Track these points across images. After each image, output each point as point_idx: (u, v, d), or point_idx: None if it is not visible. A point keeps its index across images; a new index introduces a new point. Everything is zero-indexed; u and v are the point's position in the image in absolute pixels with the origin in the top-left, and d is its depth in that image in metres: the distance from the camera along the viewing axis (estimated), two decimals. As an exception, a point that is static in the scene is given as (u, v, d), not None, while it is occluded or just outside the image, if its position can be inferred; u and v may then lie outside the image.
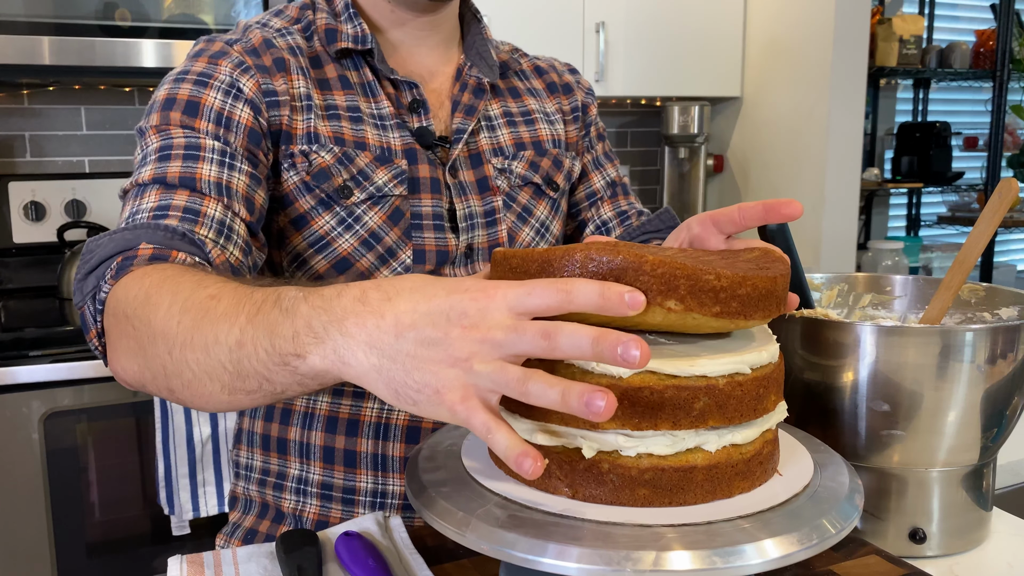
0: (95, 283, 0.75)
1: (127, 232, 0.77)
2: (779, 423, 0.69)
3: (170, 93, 0.89)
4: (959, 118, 3.76)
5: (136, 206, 0.81)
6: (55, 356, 1.71)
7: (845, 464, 0.71)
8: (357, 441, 0.98)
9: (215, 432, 1.78)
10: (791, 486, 0.66)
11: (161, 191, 0.81)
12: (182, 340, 0.64)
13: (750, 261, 0.67)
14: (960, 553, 0.87)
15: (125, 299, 0.70)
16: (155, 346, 0.67)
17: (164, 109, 0.88)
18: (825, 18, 2.50)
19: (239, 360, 0.61)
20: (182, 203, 0.81)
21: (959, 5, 3.77)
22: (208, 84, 0.89)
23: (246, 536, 1.05)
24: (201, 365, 0.63)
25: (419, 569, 0.78)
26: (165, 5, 1.93)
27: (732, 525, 0.60)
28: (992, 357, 0.81)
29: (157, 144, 0.85)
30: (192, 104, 0.87)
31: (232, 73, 0.90)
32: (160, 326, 0.66)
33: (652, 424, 0.60)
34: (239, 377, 0.62)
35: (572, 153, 1.13)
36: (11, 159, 2.22)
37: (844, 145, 2.57)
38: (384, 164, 0.95)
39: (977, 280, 1.04)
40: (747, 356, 0.62)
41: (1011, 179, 0.85)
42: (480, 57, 1.06)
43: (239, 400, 0.64)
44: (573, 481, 0.63)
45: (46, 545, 1.74)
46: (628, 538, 0.58)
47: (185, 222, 0.80)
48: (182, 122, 0.86)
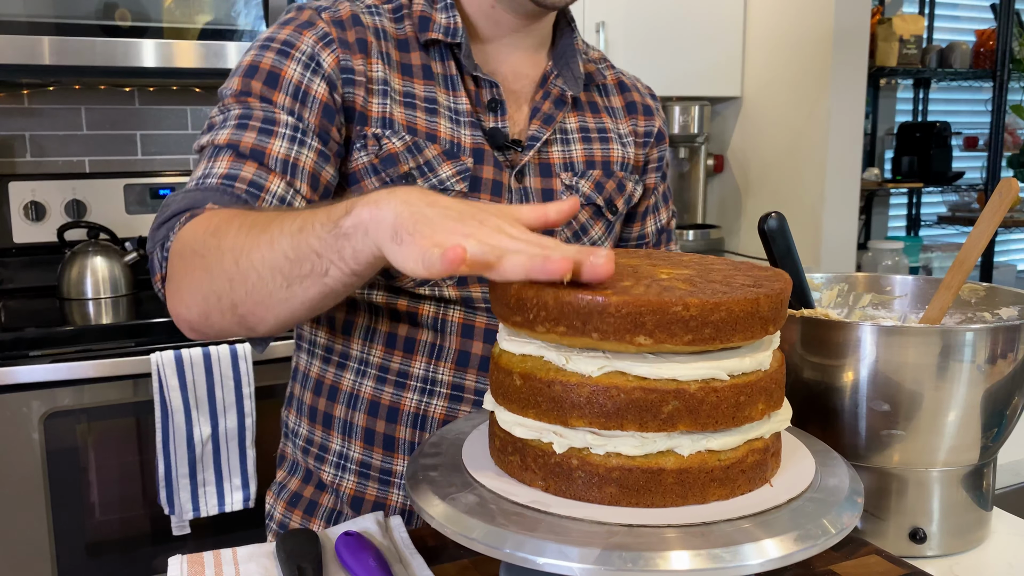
0: (165, 233, 0.83)
1: (197, 192, 0.84)
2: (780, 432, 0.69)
3: (254, 60, 0.92)
4: (959, 118, 3.76)
5: (208, 168, 0.86)
6: (55, 356, 1.71)
7: (845, 464, 0.71)
8: (396, 427, 1.00)
9: (215, 432, 1.78)
10: (791, 488, 0.66)
11: (233, 158, 0.86)
12: (250, 246, 0.72)
13: (748, 279, 0.67)
14: (960, 553, 0.87)
15: (193, 236, 0.78)
16: (222, 262, 0.74)
17: (247, 76, 0.91)
18: (825, 18, 2.50)
19: (298, 243, 0.69)
20: (249, 175, 0.85)
21: (959, 5, 3.77)
22: (290, 55, 0.91)
23: (291, 499, 1.08)
24: (266, 261, 0.71)
25: (419, 569, 0.78)
26: (165, 5, 1.93)
27: (732, 525, 0.60)
28: (992, 357, 0.81)
29: (237, 112, 0.89)
30: (273, 75, 0.90)
31: (315, 46, 0.91)
32: (229, 243, 0.74)
33: (618, 424, 0.61)
34: (296, 262, 0.69)
35: (635, 176, 1.12)
36: (11, 159, 2.22)
37: (844, 145, 2.57)
38: (450, 159, 0.96)
39: (977, 280, 1.04)
40: (726, 363, 0.62)
41: (1011, 179, 0.85)
42: (567, 67, 1.05)
43: (295, 296, 0.71)
44: (546, 475, 0.64)
45: (46, 545, 1.74)
46: (629, 538, 0.58)
47: (249, 196, 0.85)
48: (261, 93, 0.90)
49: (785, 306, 0.66)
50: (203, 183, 0.85)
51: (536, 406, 0.64)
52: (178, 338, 1.80)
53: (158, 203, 2.28)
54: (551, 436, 0.63)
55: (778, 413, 0.68)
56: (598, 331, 0.59)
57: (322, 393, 1.04)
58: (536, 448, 0.64)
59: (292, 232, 0.70)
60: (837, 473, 0.69)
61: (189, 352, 1.74)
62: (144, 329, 1.80)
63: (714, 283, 0.64)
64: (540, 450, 0.64)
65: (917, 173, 3.33)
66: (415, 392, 1.00)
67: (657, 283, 0.63)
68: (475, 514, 0.61)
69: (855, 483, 0.67)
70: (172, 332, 1.81)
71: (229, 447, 1.79)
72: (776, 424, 0.67)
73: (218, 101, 0.93)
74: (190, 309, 0.79)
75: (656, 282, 0.64)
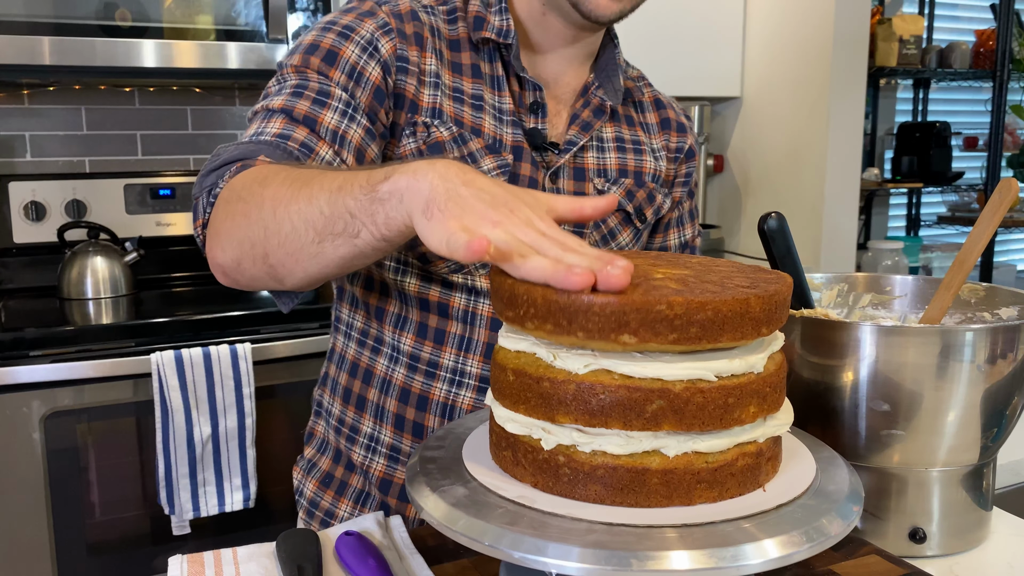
0: (214, 180, 0.85)
1: (251, 144, 0.86)
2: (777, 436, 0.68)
3: (315, 40, 0.94)
4: (959, 118, 3.76)
5: (261, 127, 0.89)
6: (55, 356, 1.71)
7: (845, 464, 0.71)
8: (426, 416, 1.03)
9: (215, 432, 1.78)
10: (784, 492, 0.66)
11: (286, 121, 0.89)
12: (289, 197, 0.74)
13: (746, 280, 0.67)
14: (960, 553, 0.87)
15: (241, 184, 0.80)
16: (262, 210, 0.76)
17: (307, 53, 0.93)
18: (825, 18, 2.50)
19: (335, 201, 0.71)
20: (301, 137, 0.88)
21: (959, 5, 3.77)
22: (349, 38, 0.94)
23: (324, 479, 1.12)
24: (302, 214, 0.73)
25: (419, 569, 0.78)
26: (165, 5, 1.93)
27: (732, 525, 0.60)
28: (992, 357, 0.81)
29: (294, 81, 0.92)
30: (332, 54, 0.92)
31: (374, 32, 0.94)
32: (271, 192, 0.76)
33: (603, 422, 0.61)
34: (331, 219, 0.71)
35: (665, 189, 1.15)
36: (11, 159, 2.22)
37: (844, 145, 2.57)
38: (492, 153, 0.99)
39: (977, 280, 1.04)
40: (714, 363, 0.61)
41: (1011, 179, 0.85)
42: (608, 79, 1.09)
43: (325, 252, 0.73)
44: (535, 471, 0.64)
45: (46, 545, 1.74)
46: (629, 537, 0.58)
47: (301, 154, 0.87)
48: (319, 68, 0.92)
49: (783, 308, 0.65)
50: (257, 138, 0.87)
51: (526, 402, 0.64)
52: (178, 338, 1.80)
53: (158, 203, 2.28)
54: (540, 432, 0.64)
55: (775, 417, 0.67)
56: (583, 330, 0.59)
57: (357, 375, 1.07)
58: (526, 444, 0.65)
59: (332, 189, 0.71)
60: (837, 473, 0.69)
61: (189, 352, 1.74)
62: (144, 329, 1.80)
63: (708, 283, 0.64)
64: (530, 446, 0.65)
65: (917, 173, 3.33)
66: (444, 382, 1.02)
67: (648, 282, 0.63)
68: (461, 507, 0.62)
69: (855, 483, 0.67)
70: (172, 332, 1.81)
71: (229, 447, 1.79)
72: (772, 428, 0.66)
73: (276, 72, 0.96)
74: (225, 252, 0.81)
75: (648, 281, 0.64)
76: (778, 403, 0.68)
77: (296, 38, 2.04)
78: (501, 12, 1.01)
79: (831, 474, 0.69)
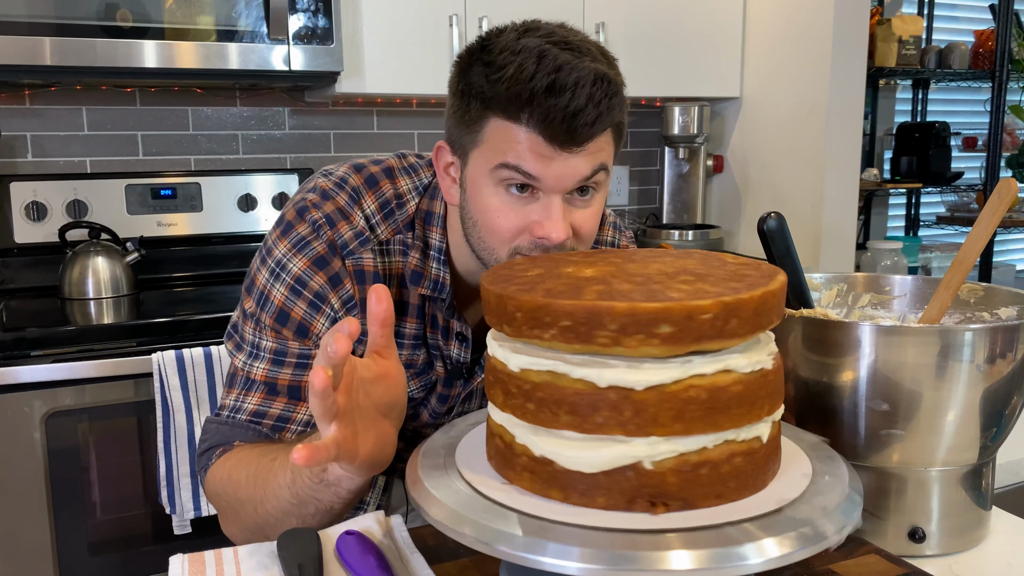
0: (204, 463, 0.98)
1: (228, 428, 0.97)
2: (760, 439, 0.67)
3: (284, 305, 0.97)
4: (958, 118, 3.75)
5: (240, 399, 0.98)
6: (56, 356, 1.71)
7: (845, 463, 0.71)
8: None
9: (216, 432, 1.78)
10: (790, 490, 0.66)
11: (263, 396, 0.97)
12: (259, 497, 0.87)
13: (732, 273, 0.68)
14: (959, 552, 0.87)
15: (217, 482, 0.94)
16: (244, 510, 0.90)
17: (278, 321, 0.97)
18: (824, 18, 2.50)
19: (296, 493, 0.83)
20: (277, 412, 0.96)
21: (958, 6, 3.77)
22: (320, 309, 0.97)
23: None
24: (277, 508, 0.85)
25: (420, 568, 0.78)
26: (166, 6, 1.93)
27: (732, 525, 0.60)
28: (991, 357, 0.81)
29: (272, 345, 0.98)
30: (303, 328, 0.97)
31: (338, 310, 0.98)
32: (244, 494, 0.89)
33: (597, 427, 0.62)
34: (301, 505, 0.83)
35: None
36: (12, 159, 2.23)
37: (843, 145, 2.57)
38: (418, 376, 1.05)
39: (976, 280, 1.04)
40: (700, 367, 0.62)
41: (1010, 179, 0.86)
42: None
43: (311, 523, 0.85)
44: (531, 474, 0.65)
45: (48, 544, 1.74)
46: (629, 537, 0.58)
47: (275, 430, 0.96)
48: (294, 337, 0.97)
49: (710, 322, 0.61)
50: (233, 418, 0.97)
51: (521, 407, 0.66)
52: (179, 338, 1.80)
53: (159, 203, 2.29)
54: (530, 438, 0.65)
55: (771, 417, 0.67)
56: (609, 337, 0.61)
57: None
58: (521, 448, 0.66)
59: (287, 485, 0.83)
60: (837, 473, 0.69)
61: (190, 352, 1.74)
62: (145, 329, 1.80)
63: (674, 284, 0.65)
64: (503, 443, 0.66)
65: (916, 173, 3.32)
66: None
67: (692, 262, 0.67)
68: (462, 507, 0.63)
69: (855, 483, 0.67)
70: (173, 331, 1.81)
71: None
72: (762, 429, 0.66)
73: (245, 302, 1.01)
74: (235, 537, 0.95)
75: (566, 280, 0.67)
76: (776, 404, 0.68)
77: (296, 38, 2.04)
78: (439, 263, 1.01)
79: (831, 474, 0.69)
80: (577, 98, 0.83)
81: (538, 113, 0.84)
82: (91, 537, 1.78)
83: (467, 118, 0.89)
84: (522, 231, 0.90)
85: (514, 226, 0.90)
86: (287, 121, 2.50)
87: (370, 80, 2.20)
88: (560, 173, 0.87)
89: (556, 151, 0.86)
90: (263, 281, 0.98)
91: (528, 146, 0.86)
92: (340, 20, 2.09)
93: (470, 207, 0.93)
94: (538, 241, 0.89)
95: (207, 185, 2.33)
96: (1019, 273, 3.86)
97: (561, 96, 0.83)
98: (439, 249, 1.01)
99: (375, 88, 2.21)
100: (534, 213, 0.89)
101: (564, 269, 0.71)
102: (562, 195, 0.89)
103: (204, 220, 2.34)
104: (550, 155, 0.86)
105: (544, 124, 0.84)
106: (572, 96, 0.83)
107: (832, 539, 0.60)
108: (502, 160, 0.87)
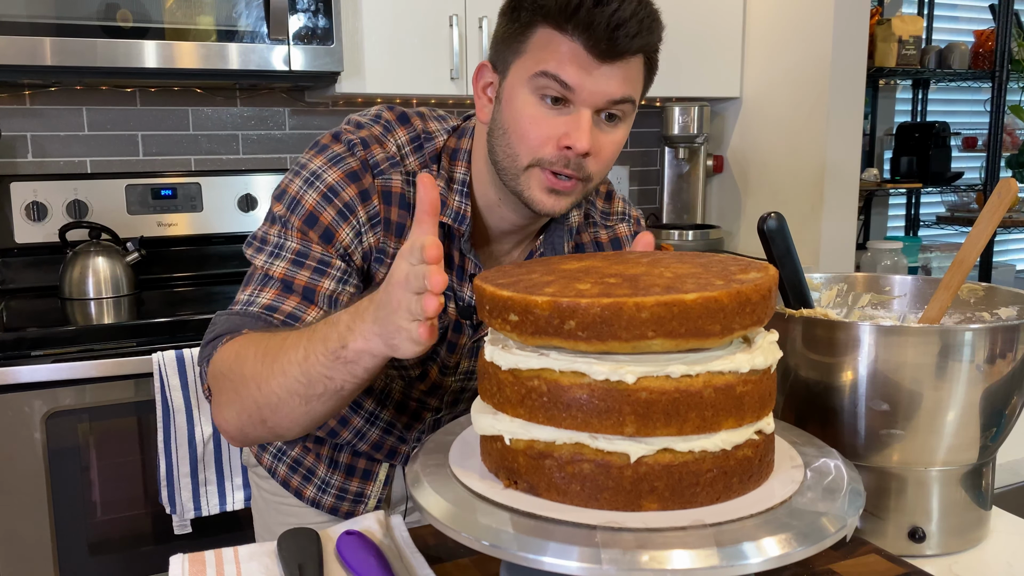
0: (209, 352, 0.96)
1: (238, 317, 0.96)
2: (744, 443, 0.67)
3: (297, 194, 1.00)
4: (958, 118, 3.76)
5: (255, 294, 0.98)
6: (57, 356, 1.71)
7: (845, 463, 0.71)
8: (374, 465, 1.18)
9: (216, 432, 1.78)
10: (789, 490, 0.66)
11: (278, 292, 0.97)
12: (266, 374, 0.85)
13: (708, 269, 0.68)
14: (959, 552, 0.87)
15: (221, 361, 0.91)
16: (247, 387, 0.87)
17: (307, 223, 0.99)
18: (824, 19, 2.50)
19: (307, 370, 0.82)
20: (289, 309, 0.96)
21: (958, 6, 3.77)
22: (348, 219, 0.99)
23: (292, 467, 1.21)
24: (283, 386, 0.84)
25: (420, 568, 0.78)
26: (166, 6, 1.93)
27: (733, 524, 0.60)
28: (991, 357, 0.81)
29: (295, 247, 0.99)
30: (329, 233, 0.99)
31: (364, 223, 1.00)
32: (249, 370, 0.87)
33: (595, 427, 0.63)
34: (309, 384, 0.82)
35: None
36: (13, 159, 2.23)
37: (843, 145, 2.57)
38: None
39: (976, 280, 1.04)
40: (701, 364, 0.63)
41: (1010, 179, 0.86)
42: (553, 248, 1.11)
43: (315, 409, 0.85)
44: (529, 474, 0.66)
45: (48, 544, 1.74)
46: (631, 537, 0.58)
47: (284, 326, 0.95)
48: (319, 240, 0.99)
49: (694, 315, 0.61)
50: (246, 309, 0.97)
51: (520, 405, 0.66)
52: (179, 338, 1.80)
53: (159, 203, 2.29)
54: (537, 434, 0.66)
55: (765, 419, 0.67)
56: (616, 339, 0.62)
57: (308, 439, 1.18)
58: (519, 447, 0.66)
59: (298, 361, 0.82)
60: (837, 472, 0.69)
61: (190, 352, 1.74)
62: (145, 329, 1.80)
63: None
64: (525, 448, 0.66)
65: (916, 173, 3.33)
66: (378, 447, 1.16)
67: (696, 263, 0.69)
68: (463, 507, 0.63)
69: (856, 482, 0.67)
70: (173, 331, 1.81)
71: (230, 446, 1.80)
72: (755, 430, 0.66)
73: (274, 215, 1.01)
74: (228, 423, 0.92)
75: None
76: (768, 405, 0.68)
77: (296, 38, 2.04)
78: (462, 195, 1.04)
79: (832, 473, 0.69)
80: (623, 10, 0.89)
81: (584, 21, 0.89)
82: (91, 537, 1.78)
83: (514, 29, 0.95)
84: (548, 140, 0.94)
85: (543, 134, 0.94)
86: (287, 121, 2.50)
87: (370, 80, 2.20)
88: (594, 88, 0.92)
89: (595, 63, 0.91)
90: (296, 188, 1.01)
91: (569, 57, 0.91)
92: (340, 20, 2.09)
93: (503, 117, 0.97)
94: (562, 153, 0.94)
95: (207, 185, 2.33)
96: (1019, 273, 3.86)
97: (608, 6, 0.89)
98: (462, 182, 1.04)
99: (375, 88, 2.21)
100: (564, 125, 0.94)
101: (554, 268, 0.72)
102: (592, 111, 0.94)
103: (204, 220, 2.34)
104: (588, 67, 0.91)
105: (588, 32, 0.90)
106: (618, 8, 0.89)
107: (832, 539, 0.60)
108: (543, 68, 0.92)
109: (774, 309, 0.67)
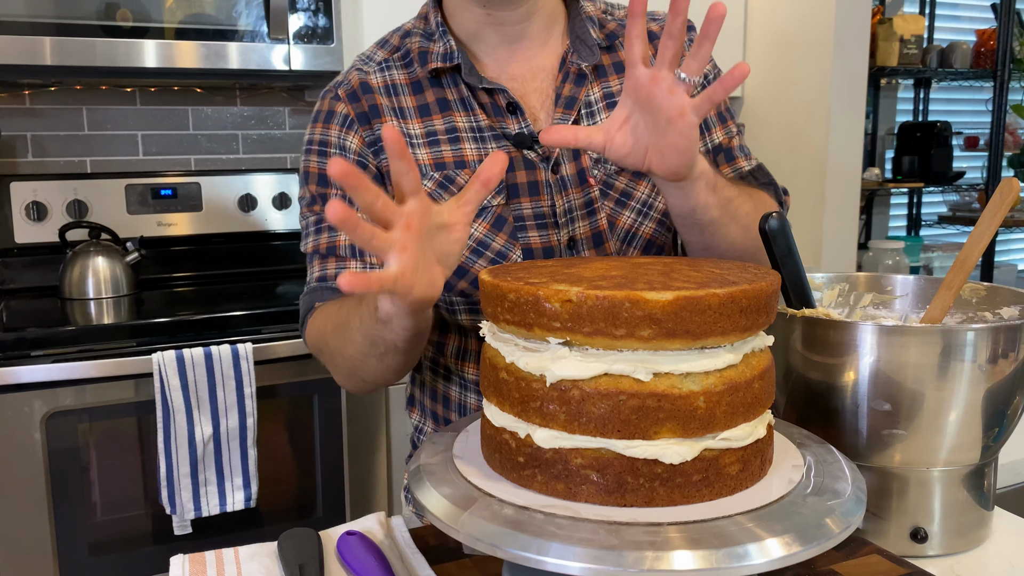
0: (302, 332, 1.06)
1: (309, 296, 1.05)
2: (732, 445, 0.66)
3: (305, 167, 1.07)
4: (960, 118, 3.76)
5: (311, 274, 1.06)
6: (57, 356, 1.71)
7: (847, 463, 0.71)
8: None
9: (216, 432, 1.78)
10: (789, 489, 0.66)
11: (320, 262, 1.04)
12: (342, 344, 0.93)
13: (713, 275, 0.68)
14: (961, 552, 0.87)
15: (311, 338, 1.03)
16: (334, 358, 0.97)
17: (306, 183, 1.06)
18: (826, 18, 2.49)
19: (365, 334, 0.87)
20: (333, 272, 1.03)
21: (960, 5, 3.77)
22: (326, 153, 1.04)
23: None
24: (357, 351, 0.90)
25: (420, 568, 0.78)
26: (166, 6, 1.93)
27: (735, 524, 0.60)
28: (993, 357, 0.81)
29: (313, 218, 1.05)
30: (321, 177, 1.04)
31: (340, 135, 1.03)
32: (331, 344, 0.96)
33: (592, 428, 0.63)
34: (372, 345, 0.87)
35: None
36: (13, 159, 2.23)
37: (845, 145, 2.57)
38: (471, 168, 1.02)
39: (978, 280, 1.04)
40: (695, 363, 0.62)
41: (1012, 179, 0.85)
42: (581, 41, 1.05)
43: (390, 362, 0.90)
44: (530, 472, 0.66)
45: (48, 545, 1.74)
46: (632, 537, 0.58)
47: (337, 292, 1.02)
48: (319, 192, 1.04)
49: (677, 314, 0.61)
50: (311, 287, 1.05)
51: (521, 402, 0.66)
52: (179, 338, 1.80)
53: (159, 203, 2.29)
54: (534, 430, 0.66)
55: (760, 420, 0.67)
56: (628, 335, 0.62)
57: (438, 400, 1.14)
58: (519, 444, 0.66)
59: (358, 327, 0.87)
60: (839, 472, 0.69)
61: (190, 352, 1.74)
62: (145, 329, 1.80)
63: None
64: (524, 447, 0.66)
65: (918, 173, 3.33)
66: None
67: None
68: (464, 507, 0.63)
69: (858, 483, 0.67)
70: (173, 332, 1.81)
71: (230, 447, 1.80)
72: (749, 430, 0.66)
73: (300, 192, 1.09)
74: (341, 384, 1.03)
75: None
76: (763, 404, 0.67)
77: (296, 38, 2.04)
78: (442, 37, 1.02)
79: (834, 474, 0.69)
80: None
81: None
82: (91, 537, 1.78)
83: None
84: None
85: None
86: (287, 121, 2.50)
87: (371, 80, 2.19)
88: None
89: None
90: (303, 163, 1.07)
91: None
92: (340, 19, 2.09)
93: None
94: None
95: (207, 185, 2.33)
96: (1021, 273, 3.86)
97: None
98: (438, 23, 1.03)
99: (376, 88, 2.21)
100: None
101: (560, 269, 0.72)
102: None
103: (204, 220, 2.34)
104: None
105: None
106: None
107: (835, 539, 0.60)
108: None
109: (775, 312, 0.67)
